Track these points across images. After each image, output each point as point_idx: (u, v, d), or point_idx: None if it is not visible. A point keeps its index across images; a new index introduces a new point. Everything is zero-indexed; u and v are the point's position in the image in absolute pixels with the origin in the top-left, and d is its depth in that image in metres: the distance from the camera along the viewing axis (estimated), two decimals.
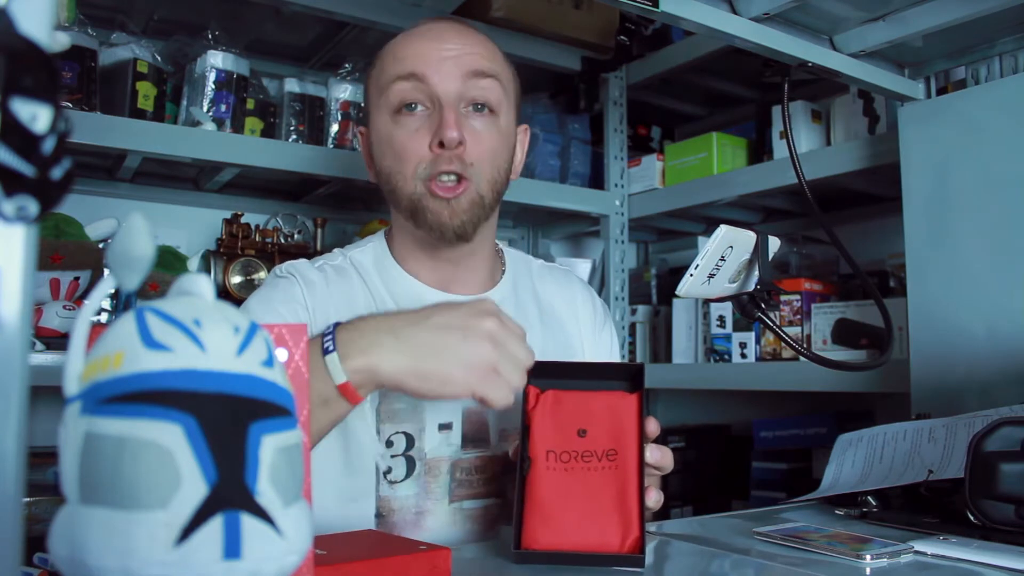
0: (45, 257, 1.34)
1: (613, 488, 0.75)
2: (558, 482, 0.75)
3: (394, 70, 0.95)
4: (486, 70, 0.95)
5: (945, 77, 1.29)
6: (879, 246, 1.77)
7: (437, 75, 0.92)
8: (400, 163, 0.95)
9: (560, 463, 0.76)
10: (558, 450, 0.76)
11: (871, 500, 0.95)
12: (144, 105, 1.45)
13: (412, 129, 0.93)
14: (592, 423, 0.77)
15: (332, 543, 0.68)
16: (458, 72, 0.93)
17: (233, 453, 0.37)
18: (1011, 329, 1.14)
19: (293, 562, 0.39)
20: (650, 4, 0.92)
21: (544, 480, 0.75)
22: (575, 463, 0.76)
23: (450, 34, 0.96)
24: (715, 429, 2.11)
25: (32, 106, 0.32)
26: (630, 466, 0.75)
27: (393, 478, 0.93)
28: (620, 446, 0.76)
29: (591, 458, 0.76)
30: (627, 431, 0.77)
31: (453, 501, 0.96)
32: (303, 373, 0.51)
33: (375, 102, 0.99)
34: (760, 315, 0.94)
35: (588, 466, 0.76)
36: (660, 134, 2.22)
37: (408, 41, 0.97)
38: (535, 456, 0.76)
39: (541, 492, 0.75)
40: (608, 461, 0.76)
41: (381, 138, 0.97)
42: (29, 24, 0.33)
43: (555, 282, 1.14)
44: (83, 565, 0.36)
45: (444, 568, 0.65)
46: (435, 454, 0.96)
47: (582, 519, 0.74)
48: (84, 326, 0.40)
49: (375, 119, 0.99)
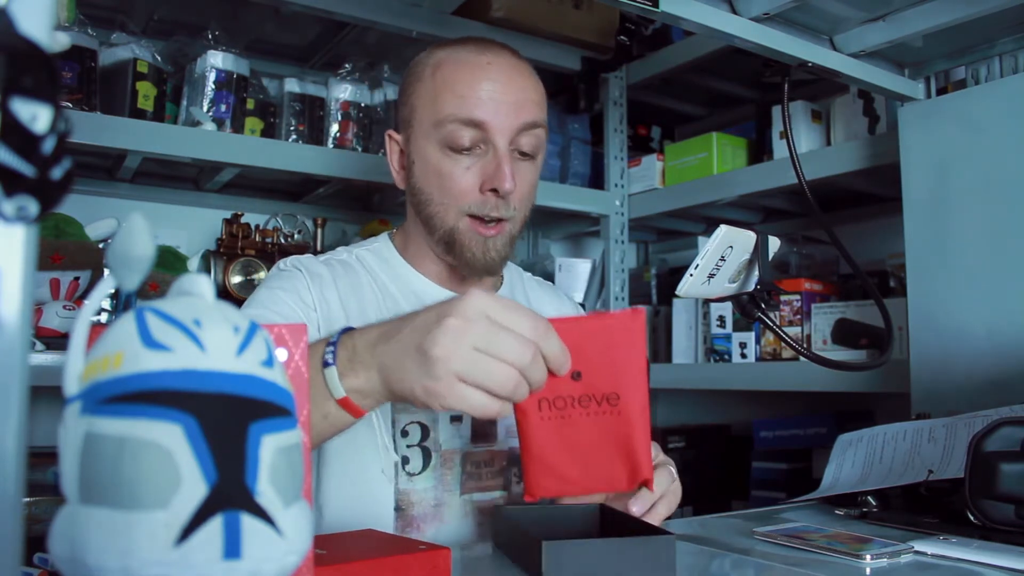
0: (45, 257, 1.34)
1: (617, 435, 0.68)
2: (555, 431, 0.69)
3: (454, 110, 0.94)
4: (538, 121, 0.98)
5: (945, 77, 1.29)
6: (879, 246, 1.77)
7: (496, 124, 0.95)
8: (445, 195, 0.97)
9: (555, 410, 0.68)
10: (551, 397, 0.68)
11: (871, 500, 0.95)
12: (144, 105, 1.45)
13: (464, 167, 0.96)
14: (587, 364, 0.68)
15: (332, 543, 0.68)
16: (516, 124, 0.95)
17: (233, 453, 0.37)
18: (1011, 329, 1.14)
19: (293, 562, 0.39)
20: (650, 4, 0.92)
21: (540, 431, 0.69)
22: (571, 409, 0.68)
23: (511, 76, 0.96)
24: (715, 429, 2.12)
25: (32, 106, 0.32)
26: (634, 410, 0.68)
27: (411, 470, 0.95)
28: (622, 388, 0.68)
29: (589, 403, 0.68)
30: (629, 370, 0.68)
31: (464, 493, 0.98)
32: (303, 373, 0.51)
33: (423, 127, 0.98)
34: (760, 315, 0.94)
35: (587, 411, 0.68)
36: (660, 134, 2.22)
37: (467, 77, 0.95)
38: (526, 407, 0.68)
39: (539, 443, 0.69)
40: (609, 406, 0.68)
41: (427, 163, 0.98)
42: (29, 24, 0.33)
43: (546, 294, 1.19)
44: (83, 565, 0.36)
45: (444, 568, 0.65)
46: (448, 446, 0.98)
47: (587, 467, 0.69)
48: (84, 326, 0.40)
49: (420, 141, 0.99)
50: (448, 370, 0.61)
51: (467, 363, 0.61)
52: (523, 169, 0.98)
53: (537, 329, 0.63)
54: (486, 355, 0.61)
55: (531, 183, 1.00)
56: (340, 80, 1.67)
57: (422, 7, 1.61)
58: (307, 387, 0.51)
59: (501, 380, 0.61)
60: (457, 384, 0.61)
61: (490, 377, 0.61)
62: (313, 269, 1.00)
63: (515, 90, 0.96)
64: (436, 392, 0.62)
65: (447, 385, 0.61)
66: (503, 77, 0.96)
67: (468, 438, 0.99)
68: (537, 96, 0.99)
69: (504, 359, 0.61)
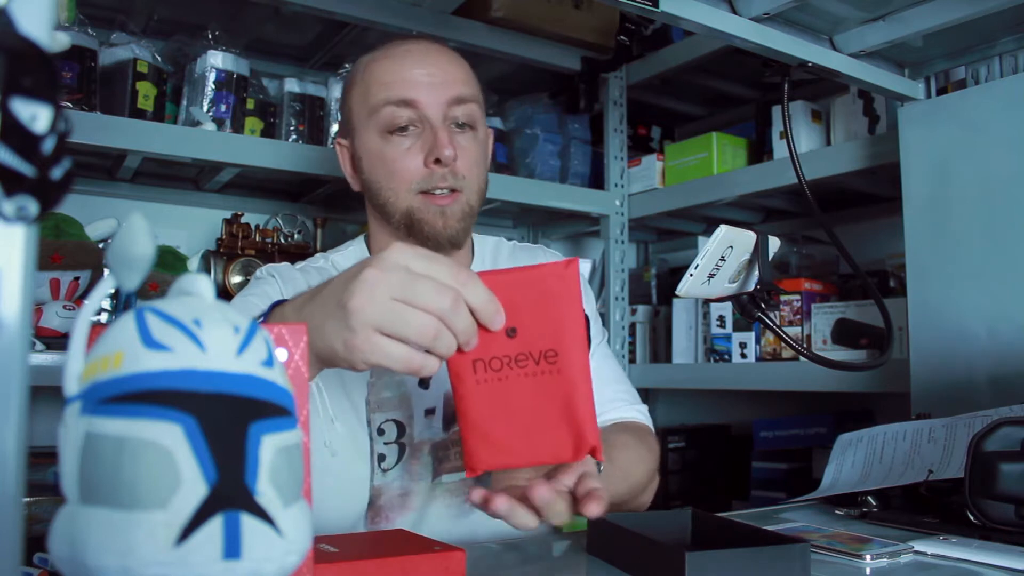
0: (45, 257, 1.34)
1: (558, 397, 0.64)
2: (492, 396, 0.64)
3: (384, 94, 1.00)
4: (467, 96, 1.02)
5: (945, 77, 1.29)
6: (879, 246, 1.77)
7: (427, 100, 0.99)
8: (393, 179, 1.01)
9: (491, 372, 0.63)
10: (486, 357, 0.63)
11: (871, 500, 0.95)
12: (144, 105, 1.45)
13: (404, 148, 1.00)
14: (521, 319, 0.63)
15: (345, 542, 0.67)
16: (444, 98, 1.00)
17: (233, 453, 0.37)
18: (1011, 329, 1.14)
19: (293, 562, 0.39)
20: (650, 4, 0.92)
21: (476, 396, 0.64)
22: (508, 370, 0.63)
23: (432, 58, 1.02)
24: (715, 429, 2.12)
25: (32, 106, 0.32)
26: (575, 368, 0.63)
27: (386, 466, 0.98)
28: (560, 344, 0.63)
29: (527, 361, 0.63)
30: (566, 324, 0.64)
31: (435, 478, 1.01)
32: (303, 373, 0.51)
33: (361, 120, 1.03)
34: (760, 315, 0.94)
35: (524, 371, 0.63)
36: (660, 134, 2.22)
37: (392, 66, 1.01)
38: (461, 371, 0.64)
39: (476, 410, 0.64)
40: (547, 364, 0.63)
41: (371, 154, 1.03)
42: (29, 24, 0.33)
43: (530, 258, 1.18)
44: (83, 565, 0.36)
45: (458, 570, 0.64)
46: (420, 438, 1.01)
47: (529, 436, 0.64)
48: (84, 326, 0.40)
49: (362, 135, 1.04)
50: (365, 321, 0.59)
51: (384, 313, 0.59)
52: (464, 141, 1.02)
53: (458, 276, 0.60)
54: (403, 304, 0.58)
55: (476, 154, 1.03)
56: (340, 80, 1.67)
57: (422, 7, 1.61)
58: (307, 387, 0.51)
59: (420, 328, 0.59)
60: (375, 336, 0.59)
61: (408, 326, 0.58)
62: (287, 275, 1.03)
63: (438, 69, 1.01)
64: (355, 346, 0.59)
65: (365, 338, 0.59)
66: (426, 59, 1.02)
67: (440, 428, 1.02)
68: (463, 74, 1.04)
69: (422, 307, 0.58)
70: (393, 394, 0.99)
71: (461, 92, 1.01)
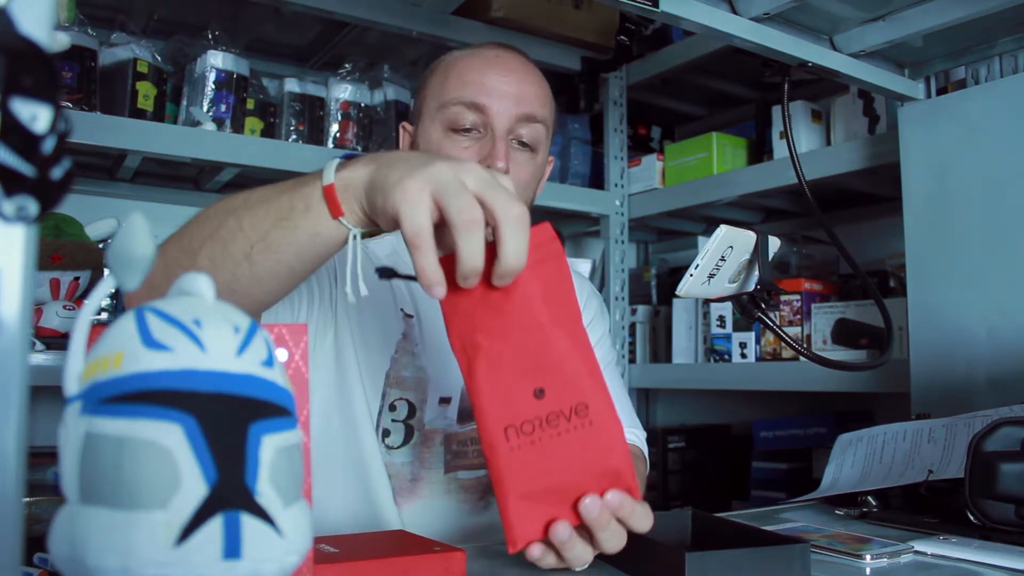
0: (45, 257, 1.33)
1: (593, 448, 0.62)
2: (529, 463, 0.62)
3: (458, 93, 0.99)
4: (537, 115, 1.01)
5: (945, 77, 1.29)
6: (879, 246, 1.77)
7: (496, 109, 0.98)
8: None
9: (524, 436, 0.62)
10: (517, 423, 0.62)
11: (871, 500, 0.95)
12: (144, 105, 1.45)
13: (462, 147, 1.00)
14: (547, 376, 0.62)
15: (345, 542, 0.67)
16: (514, 112, 0.99)
17: (233, 453, 0.37)
18: (1011, 329, 1.14)
19: (293, 562, 0.39)
20: (650, 4, 0.92)
21: (513, 464, 0.62)
22: (540, 431, 0.62)
23: (515, 71, 1.01)
24: (715, 429, 2.12)
25: (32, 106, 0.32)
26: (605, 412, 0.63)
27: (391, 443, 0.99)
28: (586, 393, 0.62)
29: (558, 420, 0.62)
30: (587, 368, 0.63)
31: (448, 471, 1.02)
32: (303, 373, 0.51)
33: (430, 111, 1.02)
34: (760, 315, 0.94)
35: (557, 431, 0.62)
36: (660, 134, 2.22)
37: (475, 66, 1.01)
38: (493, 439, 0.62)
39: (514, 477, 0.62)
40: (579, 419, 0.62)
41: (430, 146, 1.02)
42: (29, 24, 0.33)
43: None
44: (83, 565, 0.36)
45: (458, 570, 0.64)
46: (431, 426, 1.01)
47: (566, 492, 0.63)
48: (84, 326, 0.40)
49: (427, 126, 1.03)
50: (431, 178, 0.59)
51: (452, 182, 0.59)
52: (520, 159, 1.01)
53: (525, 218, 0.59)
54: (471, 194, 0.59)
55: (529, 174, 1.02)
56: (340, 80, 1.67)
57: (422, 7, 1.61)
58: (307, 387, 0.51)
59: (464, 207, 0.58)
60: (425, 194, 0.59)
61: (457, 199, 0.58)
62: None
63: (518, 82, 1.00)
64: (405, 187, 0.59)
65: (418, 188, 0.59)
66: (509, 70, 1.00)
67: (454, 419, 1.02)
68: (541, 93, 1.03)
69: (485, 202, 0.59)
70: (411, 375, 1.01)
71: (532, 110, 1.00)
